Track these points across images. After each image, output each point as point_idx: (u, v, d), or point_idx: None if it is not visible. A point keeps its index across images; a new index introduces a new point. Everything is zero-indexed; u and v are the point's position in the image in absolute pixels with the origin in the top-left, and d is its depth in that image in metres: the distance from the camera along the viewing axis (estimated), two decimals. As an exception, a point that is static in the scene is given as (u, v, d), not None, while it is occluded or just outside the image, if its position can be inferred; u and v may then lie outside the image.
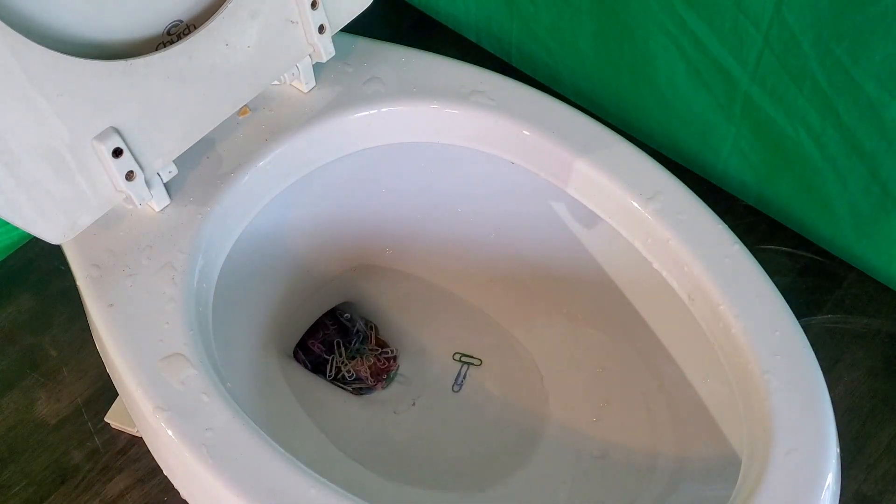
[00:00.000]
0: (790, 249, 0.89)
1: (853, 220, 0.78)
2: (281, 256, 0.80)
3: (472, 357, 0.84)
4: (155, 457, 0.62)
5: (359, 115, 0.72)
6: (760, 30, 0.71)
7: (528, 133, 0.71)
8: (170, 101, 0.62)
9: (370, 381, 0.84)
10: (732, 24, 0.73)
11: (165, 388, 0.57)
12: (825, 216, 0.80)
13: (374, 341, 0.87)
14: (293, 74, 0.71)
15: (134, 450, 0.82)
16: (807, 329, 0.60)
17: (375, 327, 0.88)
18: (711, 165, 0.86)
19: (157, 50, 0.62)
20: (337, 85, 0.73)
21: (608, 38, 0.86)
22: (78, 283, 0.63)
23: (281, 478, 0.53)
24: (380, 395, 0.84)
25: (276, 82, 0.71)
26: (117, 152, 0.60)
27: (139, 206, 0.64)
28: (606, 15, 0.84)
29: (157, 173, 0.64)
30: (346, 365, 0.85)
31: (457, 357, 0.84)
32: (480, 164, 0.75)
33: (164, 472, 0.61)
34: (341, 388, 0.84)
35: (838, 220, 0.79)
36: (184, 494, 0.59)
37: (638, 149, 0.69)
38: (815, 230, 0.83)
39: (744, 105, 0.77)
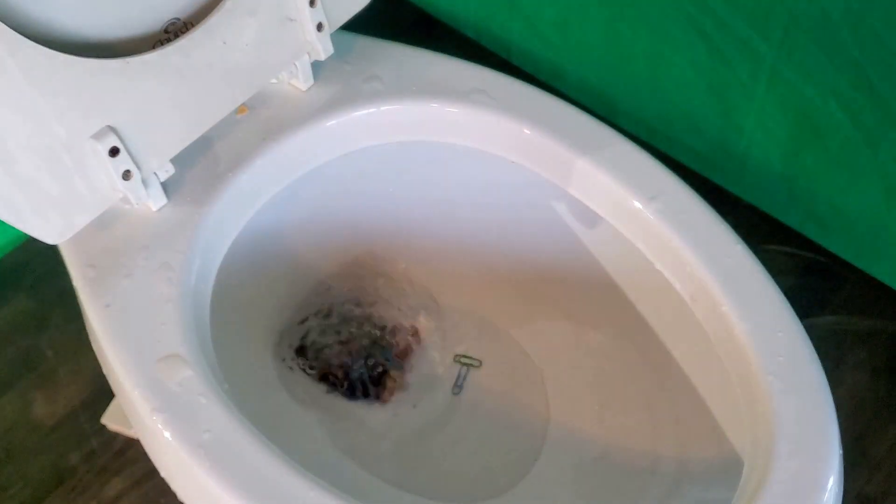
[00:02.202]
0: (793, 250, 0.88)
1: (884, 189, 0.78)
2: (279, 256, 0.80)
3: (471, 358, 0.84)
4: (152, 459, 0.62)
5: (358, 113, 0.71)
6: (786, 4, 0.71)
7: (528, 132, 0.70)
8: (167, 100, 0.62)
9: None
10: (756, 1, 0.73)
11: (163, 389, 0.56)
12: (854, 187, 0.80)
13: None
14: (291, 73, 0.71)
15: (131, 451, 0.81)
16: (810, 330, 0.60)
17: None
18: (734, 144, 0.86)
19: (154, 48, 0.61)
20: (336, 83, 0.73)
21: (622, 26, 0.85)
22: (74, 283, 0.63)
23: (279, 480, 0.53)
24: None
25: (274, 80, 0.70)
26: (114, 151, 0.60)
27: (136, 206, 0.64)
28: (619, 3, 0.84)
29: (154, 172, 0.64)
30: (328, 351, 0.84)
31: (457, 359, 0.84)
32: (480, 164, 0.75)
33: (162, 474, 0.61)
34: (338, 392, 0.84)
35: (869, 190, 0.79)
36: (181, 496, 0.59)
37: (640, 148, 0.69)
38: (841, 204, 0.82)
39: (769, 80, 0.78)
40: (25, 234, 0.59)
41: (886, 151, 0.75)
